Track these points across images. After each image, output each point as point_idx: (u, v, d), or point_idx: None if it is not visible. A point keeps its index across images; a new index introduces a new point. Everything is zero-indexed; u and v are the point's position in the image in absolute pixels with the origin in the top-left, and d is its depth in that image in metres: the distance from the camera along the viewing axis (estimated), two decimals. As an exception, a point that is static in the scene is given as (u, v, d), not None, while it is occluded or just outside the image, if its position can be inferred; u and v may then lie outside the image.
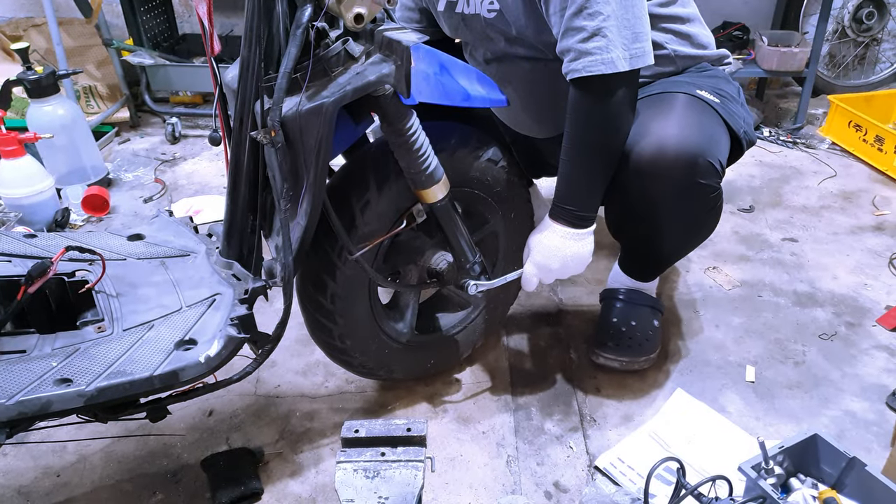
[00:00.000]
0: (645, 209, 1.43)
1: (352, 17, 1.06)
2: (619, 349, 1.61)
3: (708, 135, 1.38)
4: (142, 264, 1.34)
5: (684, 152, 1.33)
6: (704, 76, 1.53)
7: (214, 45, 1.20)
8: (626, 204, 1.45)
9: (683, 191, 1.37)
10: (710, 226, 1.53)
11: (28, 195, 2.15)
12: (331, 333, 1.40)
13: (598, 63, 1.25)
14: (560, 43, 1.30)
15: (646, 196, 1.39)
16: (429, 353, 1.58)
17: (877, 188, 2.50)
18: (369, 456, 1.19)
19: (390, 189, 1.32)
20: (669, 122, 1.35)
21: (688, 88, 1.44)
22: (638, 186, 1.38)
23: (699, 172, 1.35)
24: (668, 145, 1.33)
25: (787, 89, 3.43)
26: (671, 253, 1.62)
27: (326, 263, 1.32)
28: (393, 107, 1.19)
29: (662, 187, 1.37)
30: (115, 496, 1.35)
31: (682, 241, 1.57)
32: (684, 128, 1.35)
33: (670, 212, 1.42)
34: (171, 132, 2.87)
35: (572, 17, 1.25)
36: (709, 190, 1.39)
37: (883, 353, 1.70)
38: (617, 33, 1.24)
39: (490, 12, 1.43)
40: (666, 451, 1.41)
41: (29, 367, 1.06)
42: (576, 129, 1.34)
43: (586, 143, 1.35)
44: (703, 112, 1.41)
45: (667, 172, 1.34)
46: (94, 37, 2.93)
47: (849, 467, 1.23)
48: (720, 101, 1.45)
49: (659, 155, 1.33)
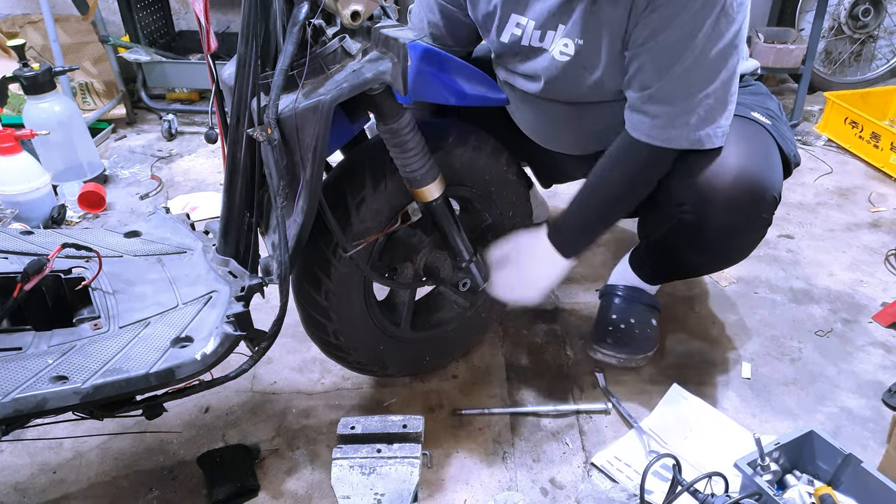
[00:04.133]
0: (699, 231, 1.37)
1: (348, 15, 1.06)
2: (617, 346, 1.61)
3: (770, 164, 1.33)
4: (138, 261, 1.34)
5: (751, 184, 1.28)
6: (749, 93, 1.47)
7: (211, 42, 1.20)
8: (681, 222, 1.38)
9: (746, 222, 1.34)
10: (748, 251, 1.47)
11: (24, 192, 2.15)
12: (325, 329, 1.40)
13: (683, 139, 1.25)
14: (644, 104, 1.26)
15: (704, 220, 1.34)
16: (424, 349, 1.58)
17: (873, 185, 2.51)
18: (365, 452, 1.19)
19: (386, 187, 1.31)
20: (732, 149, 1.30)
21: (741, 110, 1.37)
22: (699, 209, 1.33)
23: (763, 206, 1.32)
24: (734, 175, 1.28)
25: (784, 86, 3.43)
26: (699, 270, 1.61)
27: (321, 260, 1.32)
28: (388, 105, 1.19)
29: (726, 216, 1.32)
30: (111, 493, 1.35)
31: (716, 263, 1.54)
32: (747, 156, 1.29)
33: (723, 238, 1.37)
34: (167, 129, 2.86)
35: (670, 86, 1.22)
36: (765, 223, 1.36)
37: (879, 349, 1.70)
38: (714, 113, 1.24)
39: (563, 55, 1.34)
40: (662, 448, 1.42)
41: (25, 365, 1.06)
42: (612, 177, 1.32)
43: (618, 194, 1.34)
44: (760, 136, 1.36)
45: (732, 202, 1.29)
46: (91, 34, 2.91)
47: (845, 464, 1.23)
48: (771, 123, 1.40)
49: (724, 184, 1.28)
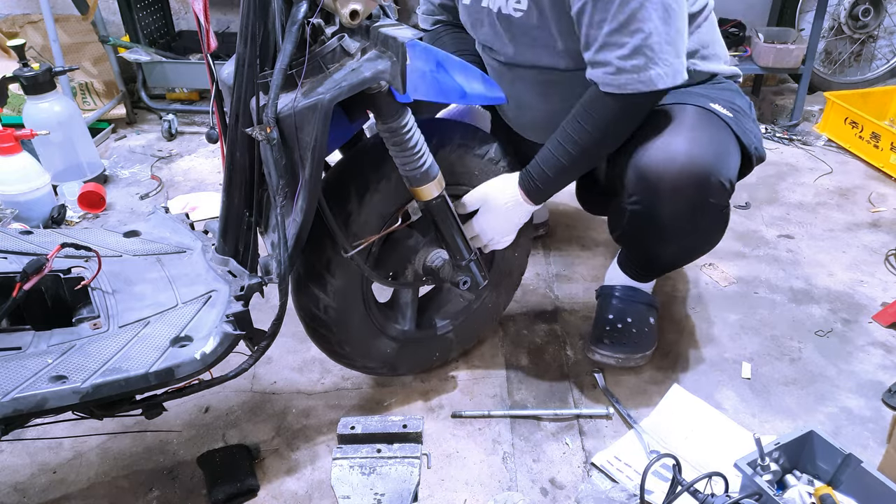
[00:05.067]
0: (650, 221, 1.41)
1: (347, 14, 1.06)
2: (615, 346, 1.61)
3: (720, 152, 1.36)
4: (138, 261, 1.34)
5: (696, 171, 1.31)
6: (718, 89, 1.51)
7: (211, 41, 1.20)
8: (632, 214, 1.43)
9: (692, 209, 1.37)
10: (714, 240, 1.51)
11: (24, 192, 2.15)
12: (329, 341, 1.41)
13: (636, 82, 1.25)
14: (595, 54, 1.28)
15: (653, 210, 1.38)
16: (432, 346, 1.58)
17: (873, 185, 2.51)
18: (365, 452, 1.19)
19: (385, 186, 1.31)
20: (681, 137, 1.34)
21: (701, 101, 1.42)
22: (645, 199, 1.38)
23: (710, 192, 1.34)
24: (680, 162, 1.31)
25: (784, 86, 3.43)
26: (672, 262, 1.63)
27: (317, 277, 1.33)
28: (388, 104, 1.19)
29: (671, 204, 1.36)
30: (111, 493, 1.35)
31: (685, 253, 1.56)
32: (697, 144, 1.33)
33: (676, 226, 1.41)
34: (167, 129, 2.86)
35: (613, 33, 1.24)
36: (718, 208, 1.39)
37: (879, 349, 1.70)
38: (658, 51, 1.23)
39: (517, 11, 1.40)
40: (662, 448, 1.42)
41: (24, 364, 1.06)
42: (583, 128, 1.33)
43: (587, 145, 1.34)
44: (716, 127, 1.39)
45: (677, 190, 1.33)
46: (91, 34, 2.91)
47: (845, 464, 1.23)
48: (733, 116, 1.43)
49: (669, 172, 1.32)
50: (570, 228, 2.22)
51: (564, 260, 2.07)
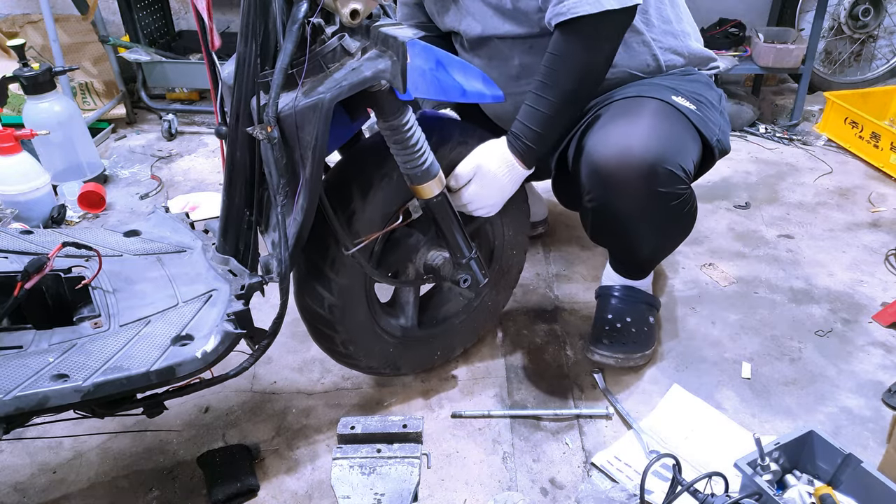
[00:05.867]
0: (610, 217, 1.42)
1: (348, 13, 1.06)
2: (614, 346, 1.61)
3: (671, 142, 1.35)
4: (138, 260, 1.34)
5: (640, 162, 1.31)
6: (687, 80, 1.51)
7: (214, 40, 1.20)
8: (592, 211, 1.44)
9: (644, 199, 1.37)
10: (684, 228, 1.51)
11: (24, 192, 2.15)
12: (333, 341, 1.41)
13: (585, 3, 1.23)
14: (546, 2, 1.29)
15: (608, 205, 1.39)
16: (434, 344, 1.58)
17: (873, 185, 2.51)
18: (365, 452, 1.20)
19: (386, 185, 1.32)
20: (633, 130, 1.33)
21: (663, 94, 1.41)
22: (599, 195, 1.39)
23: (658, 181, 1.34)
24: (627, 154, 1.31)
25: (784, 86, 3.43)
26: (651, 256, 1.62)
27: (322, 276, 1.33)
28: (389, 102, 1.19)
29: (624, 196, 1.36)
30: (111, 492, 1.35)
31: (657, 245, 1.56)
32: (647, 136, 1.33)
33: (634, 220, 1.42)
34: (167, 129, 2.86)
35: None
36: (671, 197, 1.37)
37: (879, 349, 1.70)
38: None
39: None
40: (662, 448, 1.42)
41: (25, 363, 1.06)
42: (554, 72, 1.31)
43: (563, 88, 1.32)
44: (673, 119, 1.39)
45: (625, 183, 1.33)
46: (91, 33, 2.91)
47: (845, 464, 1.23)
48: (696, 108, 1.43)
49: (618, 164, 1.32)
50: (570, 228, 2.22)
51: (564, 260, 2.07)
